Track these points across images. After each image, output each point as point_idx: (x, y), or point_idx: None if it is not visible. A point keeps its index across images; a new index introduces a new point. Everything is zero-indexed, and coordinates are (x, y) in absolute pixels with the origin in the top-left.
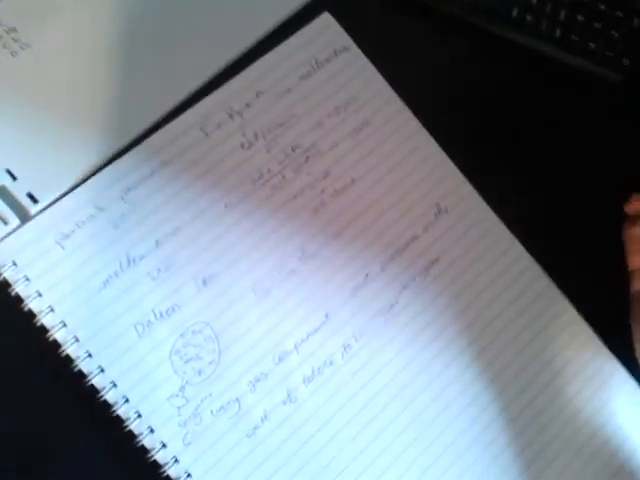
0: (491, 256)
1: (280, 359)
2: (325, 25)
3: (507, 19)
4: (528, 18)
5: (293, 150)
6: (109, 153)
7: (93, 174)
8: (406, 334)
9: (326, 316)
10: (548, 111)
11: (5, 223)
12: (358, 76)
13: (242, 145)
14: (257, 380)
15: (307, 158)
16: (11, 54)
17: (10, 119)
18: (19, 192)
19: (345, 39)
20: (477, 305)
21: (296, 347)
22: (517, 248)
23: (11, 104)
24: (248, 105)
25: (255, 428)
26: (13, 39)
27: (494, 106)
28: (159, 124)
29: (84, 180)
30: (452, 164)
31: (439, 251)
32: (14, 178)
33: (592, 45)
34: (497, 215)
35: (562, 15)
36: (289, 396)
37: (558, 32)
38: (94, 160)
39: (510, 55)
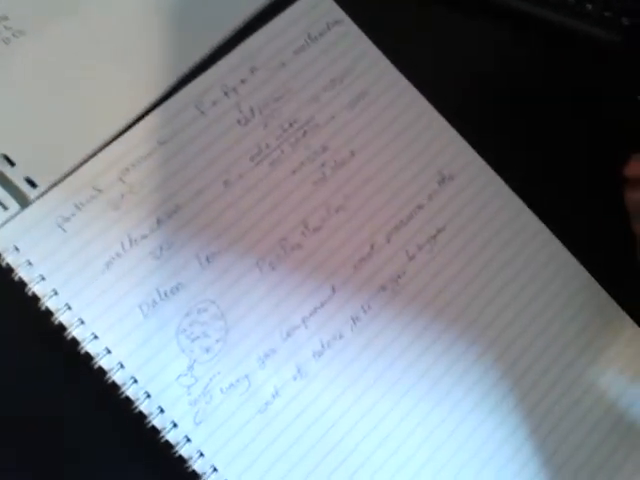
0: (499, 222)
1: (288, 334)
2: None
3: None
4: None
5: (290, 125)
6: (106, 136)
7: (91, 157)
8: (415, 304)
9: (332, 289)
10: (547, 73)
11: (5, 208)
12: (352, 48)
13: (239, 121)
14: (266, 356)
15: (305, 132)
16: (3, 41)
17: (6, 105)
18: (17, 177)
19: (338, 12)
20: (487, 273)
21: (304, 321)
22: (525, 213)
23: (6, 91)
24: (243, 81)
25: (266, 404)
26: (5, 27)
27: (491, 71)
28: (155, 104)
29: (82, 163)
30: (454, 131)
31: (445, 219)
32: (12, 164)
33: (589, 6)
34: (503, 179)
35: None
36: (299, 371)
37: None
38: (91, 143)
39: (506, 20)
